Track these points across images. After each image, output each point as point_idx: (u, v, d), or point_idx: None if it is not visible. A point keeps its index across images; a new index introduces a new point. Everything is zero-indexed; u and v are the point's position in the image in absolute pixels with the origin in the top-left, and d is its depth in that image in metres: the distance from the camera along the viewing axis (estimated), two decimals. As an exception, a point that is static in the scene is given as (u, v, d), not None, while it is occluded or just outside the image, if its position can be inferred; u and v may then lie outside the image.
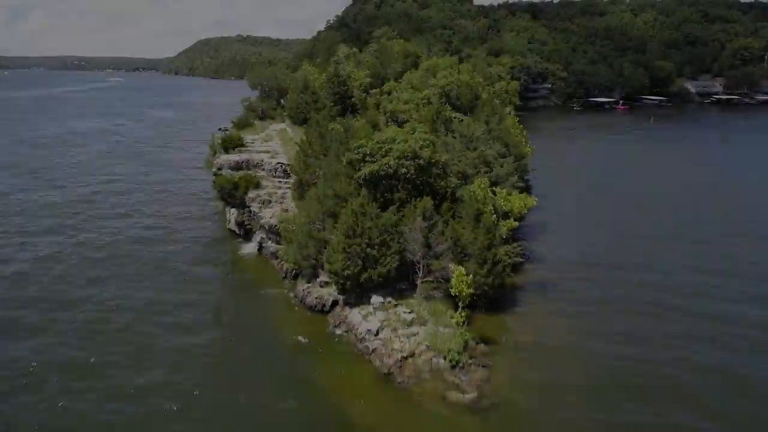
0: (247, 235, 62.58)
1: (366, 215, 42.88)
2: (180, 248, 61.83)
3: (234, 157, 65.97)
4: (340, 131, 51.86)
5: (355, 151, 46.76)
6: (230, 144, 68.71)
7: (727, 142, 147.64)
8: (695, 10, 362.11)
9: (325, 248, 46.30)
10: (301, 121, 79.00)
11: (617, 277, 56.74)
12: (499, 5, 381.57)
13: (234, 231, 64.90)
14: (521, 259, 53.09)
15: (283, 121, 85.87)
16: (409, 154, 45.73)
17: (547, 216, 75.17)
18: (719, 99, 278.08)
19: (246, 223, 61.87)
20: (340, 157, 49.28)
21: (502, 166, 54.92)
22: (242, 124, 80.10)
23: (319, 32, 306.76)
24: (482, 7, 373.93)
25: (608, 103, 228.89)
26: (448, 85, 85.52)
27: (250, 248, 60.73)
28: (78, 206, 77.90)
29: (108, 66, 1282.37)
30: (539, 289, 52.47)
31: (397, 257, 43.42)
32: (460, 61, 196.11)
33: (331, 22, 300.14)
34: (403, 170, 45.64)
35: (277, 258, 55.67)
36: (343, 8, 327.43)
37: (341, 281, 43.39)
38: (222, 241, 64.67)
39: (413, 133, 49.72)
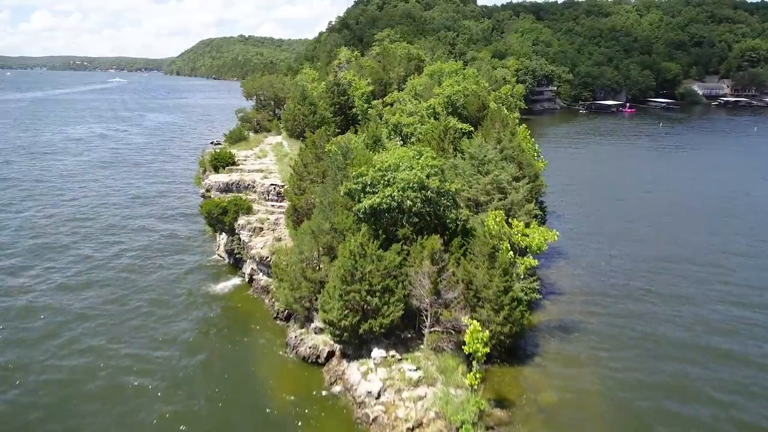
0: (238, 264, 57.06)
1: (366, 257, 37.25)
2: (159, 277, 56.30)
3: (223, 177, 60.32)
4: (337, 155, 46.15)
5: (354, 181, 41.12)
6: (221, 162, 63.09)
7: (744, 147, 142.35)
8: (701, 10, 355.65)
9: (321, 289, 40.77)
10: (297, 134, 73.43)
11: (644, 310, 51.19)
12: (503, 5, 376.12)
13: (223, 257, 59.47)
14: (539, 297, 47.50)
15: (280, 134, 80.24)
16: (416, 185, 40.08)
17: (560, 237, 69.62)
18: (727, 101, 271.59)
19: (235, 251, 56.34)
20: (338, 186, 43.64)
21: (517, 192, 49.23)
22: (235, 138, 74.43)
23: (320, 33, 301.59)
24: (485, 7, 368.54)
25: (615, 106, 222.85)
26: (454, 94, 79.94)
27: (239, 280, 55.18)
28: (56, 226, 72.21)
29: (110, 66, 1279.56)
30: (559, 330, 46.87)
31: (401, 305, 37.78)
32: (465, 64, 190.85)
33: (333, 23, 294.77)
34: (409, 203, 40.00)
35: (268, 292, 50.14)
36: (345, 9, 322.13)
37: (338, 332, 37.79)
38: (209, 269, 59.04)
39: (419, 158, 44.06)
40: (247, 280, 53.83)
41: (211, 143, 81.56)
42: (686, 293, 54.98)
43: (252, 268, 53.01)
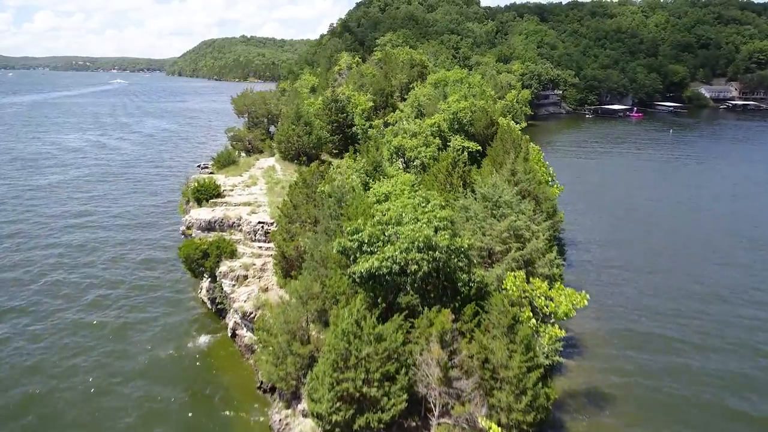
0: (221, 313, 50.59)
1: (362, 337, 30.67)
2: (128, 322, 49.87)
3: (206, 214, 53.59)
4: (331, 204, 39.57)
5: (350, 237, 34.55)
6: (204, 194, 56.49)
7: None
8: (708, 11, 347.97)
9: (310, 365, 34.33)
10: (292, 156, 66.84)
11: (682, 366, 44.65)
12: (507, 6, 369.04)
13: (206, 303, 53.03)
14: (560, 360, 40.89)
15: (273, 155, 73.59)
16: (422, 244, 33.49)
17: (575, 267, 63.01)
18: (735, 105, 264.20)
19: (218, 300, 49.90)
20: (331, 239, 37.12)
21: (537, 238, 42.61)
22: (224, 162, 67.67)
23: (322, 36, 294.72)
24: (489, 8, 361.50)
25: (622, 110, 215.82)
26: (461, 111, 73.27)
27: (221, 332, 48.69)
28: (17, 254, 65.74)
29: (112, 67, 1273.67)
30: (588, 401, 40.31)
31: (404, 396, 31.19)
32: (469, 69, 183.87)
33: (334, 25, 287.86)
34: (414, 267, 33.41)
35: (252, 352, 43.64)
36: (347, 11, 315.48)
37: (328, 427, 31.22)
38: (188, 314, 52.58)
39: (425, 206, 37.50)
40: (229, 334, 47.29)
41: (198, 167, 74.52)
42: (729, 343, 48.41)
43: (235, 322, 46.48)
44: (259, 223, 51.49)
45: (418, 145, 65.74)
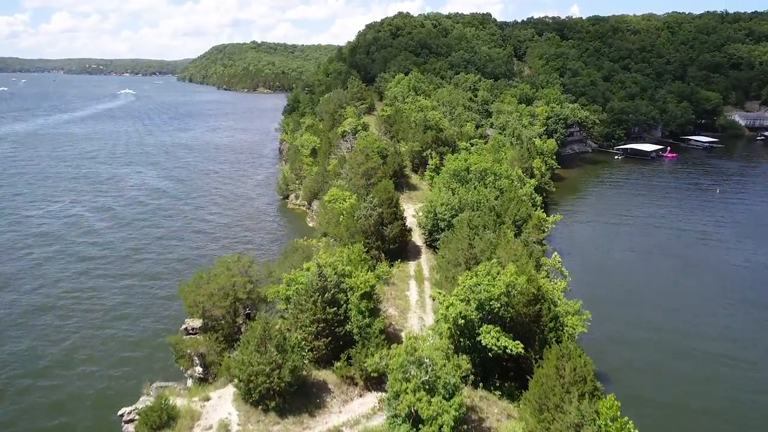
0: None
1: None
2: None
3: None
4: None
5: None
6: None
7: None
8: (738, 27, 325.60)
9: None
10: (257, 399, 41.90)
11: None
12: (524, 21, 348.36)
13: None
14: None
15: (232, 381, 46.32)
16: None
17: None
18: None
19: None
20: None
21: None
22: (154, 422, 39.43)
23: (329, 60, 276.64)
24: (505, 24, 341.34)
25: (654, 151, 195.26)
26: (490, 301, 49.35)
27: None
28: None
29: (126, 70, 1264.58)
30: None
31: None
32: (488, 115, 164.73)
33: (342, 49, 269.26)
34: None
35: None
36: (358, 31, 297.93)
37: None
38: None
39: None
40: None
41: (124, 420, 46.43)
42: None
43: None
44: None
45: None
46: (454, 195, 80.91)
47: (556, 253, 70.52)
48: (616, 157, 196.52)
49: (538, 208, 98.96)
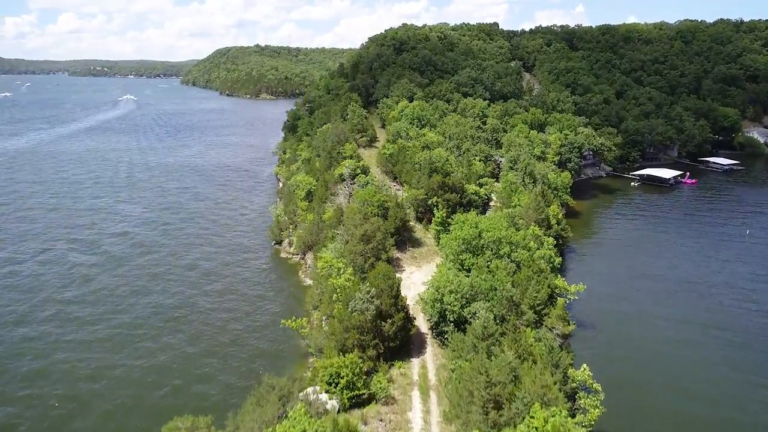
0: None
1: None
2: None
3: None
4: None
5: None
6: None
7: None
8: (754, 37, 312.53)
9: None
10: None
11: None
12: (532, 31, 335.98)
13: None
14: None
15: None
16: None
17: None
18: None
19: None
20: None
21: None
22: None
23: (331, 75, 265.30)
24: (513, 33, 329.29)
25: (673, 177, 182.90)
26: None
27: None
28: None
29: (130, 72, 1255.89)
30: None
31: None
32: (498, 145, 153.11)
33: (345, 66, 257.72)
34: None
35: None
36: (361, 44, 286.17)
37: None
38: None
39: None
40: None
41: None
42: None
43: None
44: None
45: None
46: (465, 277, 69.44)
47: (585, 366, 58.87)
48: (632, 183, 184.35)
49: (558, 275, 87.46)
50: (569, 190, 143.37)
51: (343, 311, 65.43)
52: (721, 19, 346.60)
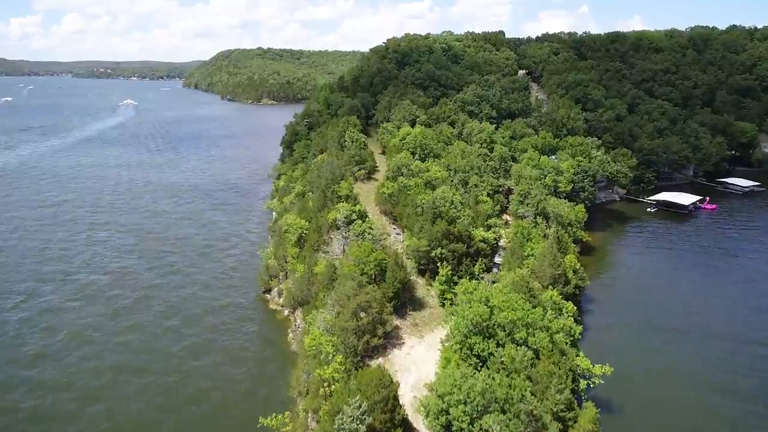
0: None
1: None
2: None
3: None
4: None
5: None
6: None
7: None
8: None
9: None
10: None
11: None
12: (539, 38, 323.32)
13: None
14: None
15: None
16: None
17: None
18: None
19: None
20: None
21: None
22: None
23: (331, 89, 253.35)
24: (519, 42, 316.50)
25: (692, 204, 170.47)
26: None
27: None
28: None
29: (134, 73, 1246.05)
30: None
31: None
32: (506, 173, 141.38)
33: (346, 79, 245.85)
34: None
35: None
36: (362, 55, 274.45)
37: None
38: None
39: None
40: None
41: None
42: None
43: None
44: None
45: None
46: (474, 377, 57.85)
47: None
48: (648, 209, 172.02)
49: (579, 350, 75.76)
50: (583, 224, 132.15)
51: (329, 425, 54.10)
52: (734, 25, 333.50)
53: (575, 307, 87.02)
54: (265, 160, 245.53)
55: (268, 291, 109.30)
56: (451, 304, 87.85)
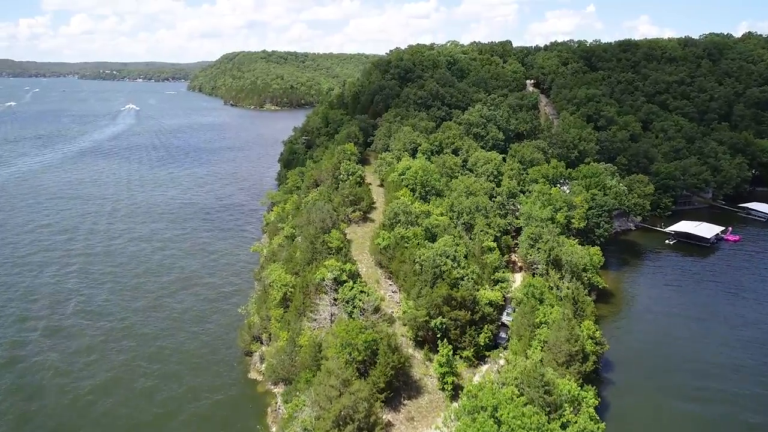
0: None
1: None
2: None
3: None
4: None
5: None
6: None
7: None
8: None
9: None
10: None
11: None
12: (547, 47, 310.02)
13: None
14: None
15: None
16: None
17: None
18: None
19: None
20: None
21: None
22: None
23: (330, 104, 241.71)
24: (527, 51, 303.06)
25: (714, 236, 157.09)
26: None
27: None
28: None
29: (139, 75, 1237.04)
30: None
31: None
32: (514, 208, 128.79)
33: (344, 93, 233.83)
34: None
35: None
36: (363, 70, 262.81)
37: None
38: None
39: None
40: None
41: None
42: None
43: None
44: None
45: None
46: None
47: None
48: (666, 241, 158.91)
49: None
50: (598, 269, 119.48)
51: None
52: (750, 33, 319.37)
53: (595, 390, 74.87)
54: (260, 179, 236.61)
55: (250, 353, 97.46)
56: (452, 389, 75.98)
